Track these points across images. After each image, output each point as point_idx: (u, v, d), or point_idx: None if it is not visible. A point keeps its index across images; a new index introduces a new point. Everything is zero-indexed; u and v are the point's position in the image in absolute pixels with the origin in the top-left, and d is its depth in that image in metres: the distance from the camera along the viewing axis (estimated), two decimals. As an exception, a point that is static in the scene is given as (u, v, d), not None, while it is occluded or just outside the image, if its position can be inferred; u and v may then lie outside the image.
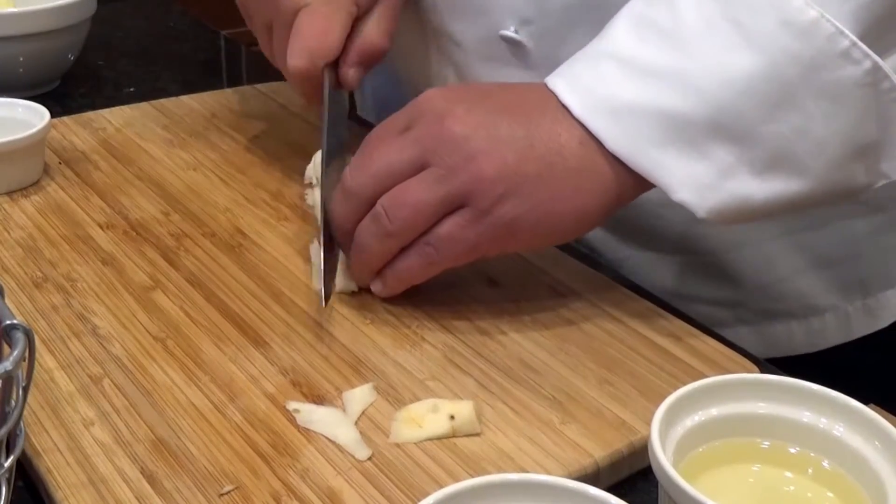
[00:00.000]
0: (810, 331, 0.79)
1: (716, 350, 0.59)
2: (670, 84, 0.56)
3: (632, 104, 0.57)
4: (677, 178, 0.57)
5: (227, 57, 1.11)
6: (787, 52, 0.54)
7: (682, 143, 0.56)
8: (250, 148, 0.83)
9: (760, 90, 0.55)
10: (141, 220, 0.72)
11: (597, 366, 0.58)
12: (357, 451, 0.51)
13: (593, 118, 0.57)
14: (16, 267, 0.66)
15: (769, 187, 0.57)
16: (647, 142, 0.57)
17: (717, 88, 0.55)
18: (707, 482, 0.44)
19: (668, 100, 0.56)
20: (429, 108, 0.60)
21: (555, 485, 0.40)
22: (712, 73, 0.55)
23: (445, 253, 0.59)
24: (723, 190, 0.57)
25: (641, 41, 0.57)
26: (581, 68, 0.60)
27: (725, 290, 0.78)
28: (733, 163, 0.56)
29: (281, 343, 0.59)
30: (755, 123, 0.56)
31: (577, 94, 0.58)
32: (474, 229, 0.58)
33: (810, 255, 0.77)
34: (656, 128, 0.56)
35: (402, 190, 0.58)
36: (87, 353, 0.58)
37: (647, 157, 0.57)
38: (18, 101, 0.80)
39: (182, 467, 0.50)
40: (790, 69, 0.55)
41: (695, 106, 0.56)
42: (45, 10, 0.92)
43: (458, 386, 0.56)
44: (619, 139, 0.57)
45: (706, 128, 0.56)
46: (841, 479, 0.44)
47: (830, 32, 0.54)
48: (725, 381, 0.46)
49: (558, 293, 0.64)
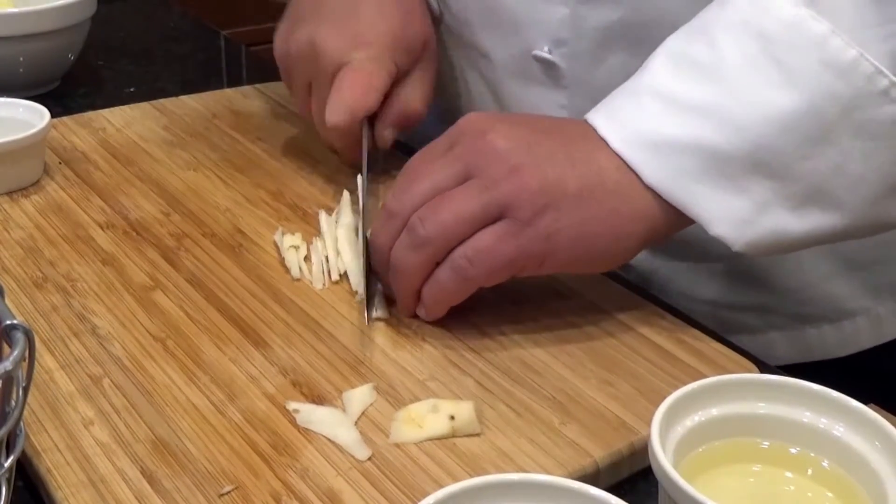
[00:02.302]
0: (842, 334, 0.79)
1: (716, 350, 0.59)
2: (710, 120, 0.56)
3: (670, 139, 0.57)
4: (715, 212, 0.57)
5: (227, 57, 1.11)
6: (827, 90, 0.55)
7: (721, 179, 0.56)
8: (250, 148, 0.83)
9: (800, 128, 0.55)
10: (141, 220, 0.72)
11: (597, 366, 0.58)
12: (357, 451, 0.51)
13: (631, 151, 0.58)
14: (16, 267, 0.66)
15: (805, 222, 0.57)
16: (684, 176, 0.57)
17: (758, 125, 0.56)
18: (707, 482, 0.44)
19: (707, 135, 0.56)
20: (470, 128, 0.60)
21: (555, 485, 0.40)
22: (752, 110, 0.56)
23: (481, 266, 0.57)
24: (760, 225, 0.57)
25: (680, 77, 0.58)
26: (619, 103, 0.60)
27: (757, 297, 0.78)
28: (770, 198, 0.57)
29: (281, 343, 0.59)
30: (793, 160, 0.56)
31: (614, 128, 0.58)
32: (513, 241, 0.57)
33: (842, 259, 0.77)
34: (694, 163, 0.57)
35: (440, 199, 0.58)
36: (87, 353, 0.58)
37: (685, 191, 0.57)
38: (18, 101, 0.80)
39: (182, 467, 0.50)
40: (830, 108, 0.55)
41: (734, 142, 0.56)
42: (45, 10, 0.92)
43: (458, 386, 0.56)
44: (656, 173, 0.57)
45: (745, 164, 0.56)
46: (841, 479, 0.44)
47: (870, 72, 0.54)
48: (725, 381, 0.46)
49: (558, 293, 0.64)
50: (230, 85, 0.97)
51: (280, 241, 0.68)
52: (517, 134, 0.59)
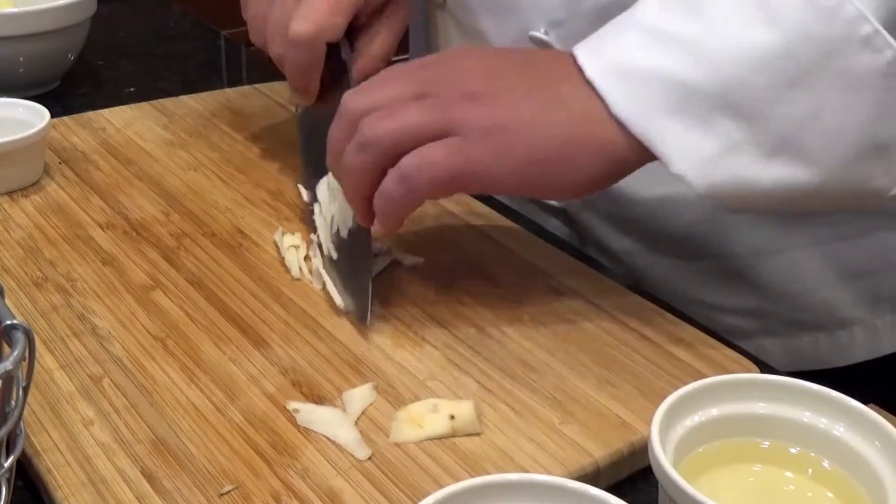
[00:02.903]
0: (837, 344, 0.77)
1: (716, 350, 0.59)
2: (684, 52, 0.55)
3: (642, 69, 0.55)
4: (679, 149, 0.55)
5: (227, 57, 1.11)
6: (805, 31, 0.53)
7: (689, 114, 0.54)
8: (250, 148, 0.83)
9: (775, 68, 0.53)
10: (141, 220, 0.72)
11: (597, 366, 0.58)
12: (357, 450, 0.51)
13: (602, 79, 0.56)
14: (16, 267, 0.66)
15: (775, 172, 0.55)
16: (651, 108, 0.55)
17: (731, 61, 0.54)
18: (707, 482, 0.44)
19: (679, 68, 0.54)
20: (443, 55, 0.61)
21: (555, 485, 0.40)
22: (728, 45, 0.54)
23: (426, 175, 0.57)
24: (725, 167, 0.55)
25: (664, 9, 0.56)
26: (603, 34, 0.59)
27: (751, 300, 0.77)
28: (739, 141, 0.54)
29: (281, 343, 0.59)
30: (766, 103, 0.54)
31: (591, 56, 0.57)
32: (462, 155, 0.56)
33: (839, 267, 0.75)
34: (664, 95, 0.55)
35: (391, 108, 0.58)
36: (87, 353, 0.58)
37: (650, 124, 0.55)
38: (18, 101, 0.80)
39: (182, 467, 0.50)
40: (807, 49, 0.53)
41: (705, 77, 0.54)
42: (45, 10, 0.92)
43: (458, 386, 0.56)
44: (624, 103, 0.55)
45: (715, 101, 0.54)
46: (841, 479, 0.44)
47: (853, 16, 0.52)
48: (725, 381, 0.46)
49: (558, 293, 0.64)
50: (230, 85, 0.97)
51: (280, 241, 0.68)
52: (484, 64, 0.59)
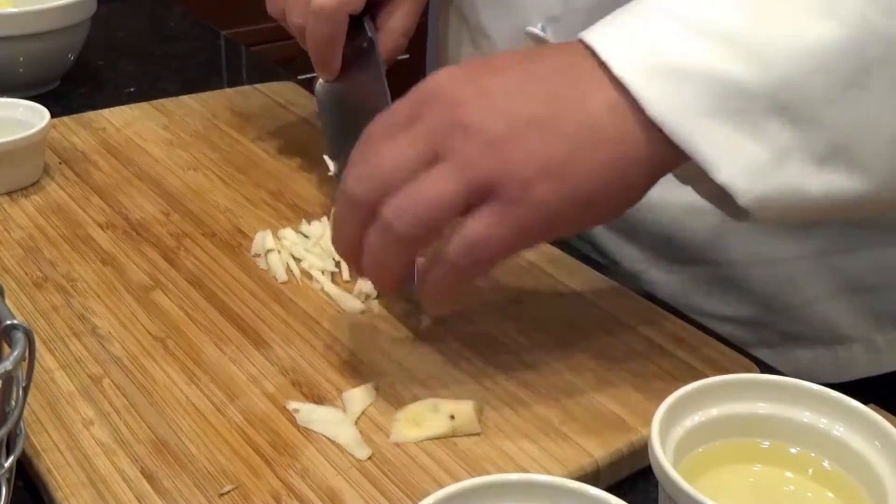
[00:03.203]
0: (836, 360, 0.76)
1: (716, 350, 0.59)
2: (732, 47, 0.48)
3: (682, 65, 0.49)
4: (725, 155, 0.49)
5: (227, 57, 1.11)
6: (870, 27, 0.48)
7: (737, 117, 0.48)
8: (250, 148, 0.83)
9: (834, 66, 0.48)
10: (141, 220, 0.72)
11: (597, 366, 0.58)
12: (357, 450, 0.51)
13: (635, 77, 0.49)
14: (16, 267, 0.66)
15: (827, 181, 0.50)
16: (695, 110, 0.48)
17: (785, 58, 0.48)
18: (707, 482, 0.44)
19: (727, 65, 0.48)
20: (436, 95, 0.52)
21: (555, 485, 0.40)
22: (784, 40, 0.48)
23: (479, 259, 0.51)
24: (776, 177, 0.49)
25: None
26: (628, 22, 0.51)
27: (748, 310, 0.75)
28: (792, 147, 0.49)
29: (281, 343, 0.59)
30: (822, 104, 0.49)
31: (619, 50, 0.50)
32: (507, 222, 0.50)
33: (841, 280, 0.73)
34: (708, 95, 0.48)
35: (412, 189, 0.50)
36: (87, 353, 0.58)
37: (694, 128, 0.49)
38: (18, 101, 0.80)
39: (182, 467, 0.50)
40: (871, 48, 0.48)
41: (757, 76, 0.48)
42: (45, 10, 0.92)
43: (458, 386, 0.56)
44: (662, 104, 0.49)
45: (767, 102, 0.48)
46: (841, 479, 0.44)
47: None
48: (725, 381, 0.46)
49: (558, 293, 0.64)
50: (230, 85, 0.97)
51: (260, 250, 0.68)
52: (489, 98, 0.51)
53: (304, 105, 0.90)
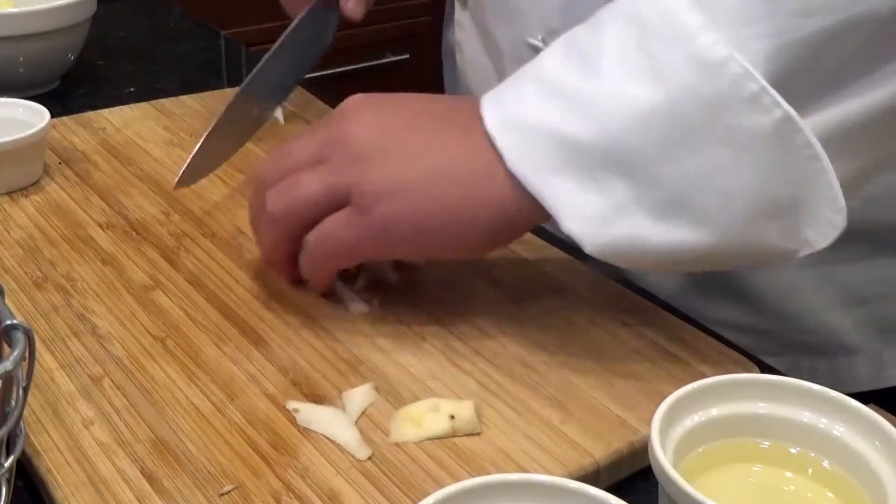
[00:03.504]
0: (837, 370, 0.75)
1: (716, 350, 0.59)
2: (574, 108, 0.53)
3: (536, 124, 0.54)
4: (568, 207, 0.53)
5: (227, 57, 1.11)
6: (688, 88, 0.51)
7: (579, 172, 0.53)
8: (250, 148, 0.83)
9: (659, 125, 0.51)
10: (141, 220, 0.72)
11: (597, 366, 0.58)
12: (357, 450, 0.51)
13: (499, 132, 0.55)
14: (16, 267, 0.66)
15: (667, 234, 0.53)
16: (543, 165, 0.54)
17: (616, 119, 0.52)
18: (707, 482, 0.44)
19: (568, 124, 0.53)
20: (342, 110, 0.60)
21: (555, 485, 0.40)
22: (613, 102, 0.52)
23: (323, 249, 0.59)
24: (615, 228, 0.53)
25: (564, 64, 0.55)
26: (507, 86, 0.57)
27: (749, 317, 0.75)
28: (629, 201, 0.53)
29: (281, 343, 0.59)
30: (652, 161, 0.52)
31: (492, 109, 0.56)
32: (352, 229, 0.57)
33: (843, 290, 0.73)
34: (555, 152, 0.53)
35: (291, 180, 0.59)
36: (87, 353, 0.58)
37: (542, 181, 0.54)
38: (18, 101, 0.80)
39: (182, 467, 0.50)
40: (690, 107, 0.51)
41: (593, 134, 0.52)
42: (45, 10, 0.92)
43: (458, 386, 0.56)
44: (517, 158, 0.54)
45: (602, 158, 0.52)
46: (841, 479, 0.44)
47: (738, 74, 0.50)
48: (725, 381, 0.46)
49: (558, 293, 0.64)
50: (230, 85, 0.97)
51: None
52: (378, 122, 0.59)
53: (305, 105, 0.90)
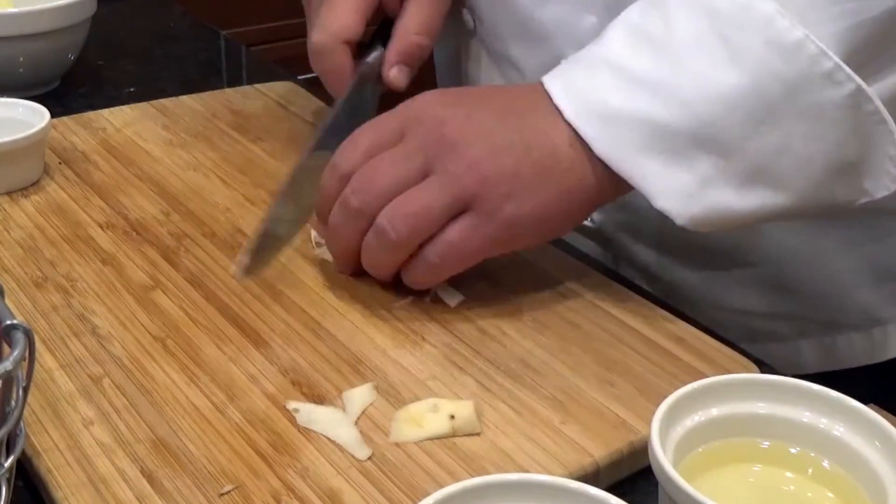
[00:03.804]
0: (872, 342, 0.78)
1: (716, 350, 0.59)
2: (658, 95, 0.58)
3: (620, 111, 0.58)
4: (660, 186, 0.58)
5: (227, 57, 1.11)
6: (770, 71, 0.56)
7: (666, 152, 0.58)
8: (250, 148, 0.83)
9: (743, 106, 0.56)
10: (141, 220, 0.72)
11: (597, 366, 0.58)
12: (357, 450, 0.51)
13: (583, 122, 0.59)
14: (16, 267, 0.66)
15: (749, 200, 0.58)
16: (632, 148, 0.58)
17: (702, 102, 0.57)
18: (707, 482, 0.44)
19: (654, 110, 0.57)
20: (426, 115, 0.61)
21: (555, 485, 0.40)
22: (698, 86, 0.57)
23: (451, 259, 0.60)
24: (703, 199, 0.58)
25: (634, 50, 0.59)
26: (576, 73, 0.61)
27: (786, 304, 0.78)
28: (715, 174, 0.58)
29: (281, 343, 0.59)
30: (737, 138, 0.57)
31: (569, 98, 0.60)
32: (480, 233, 0.59)
33: (872, 268, 0.77)
34: (642, 136, 0.58)
35: (404, 199, 0.59)
36: (87, 353, 0.58)
37: (632, 164, 0.58)
38: (18, 101, 0.80)
39: (182, 467, 0.50)
40: (773, 88, 0.56)
41: (680, 117, 0.57)
42: (45, 10, 0.92)
43: (458, 386, 0.56)
44: (606, 144, 0.58)
45: (689, 139, 0.57)
46: (841, 479, 0.44)
47: (814, 54, 0.55)
48: (725, 381, 0.46)
49: (558, 293, 0.64)
50: (230, 85, 0.97)
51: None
52: (474, 123, 0.60)
53: (304, 105, 0.90)
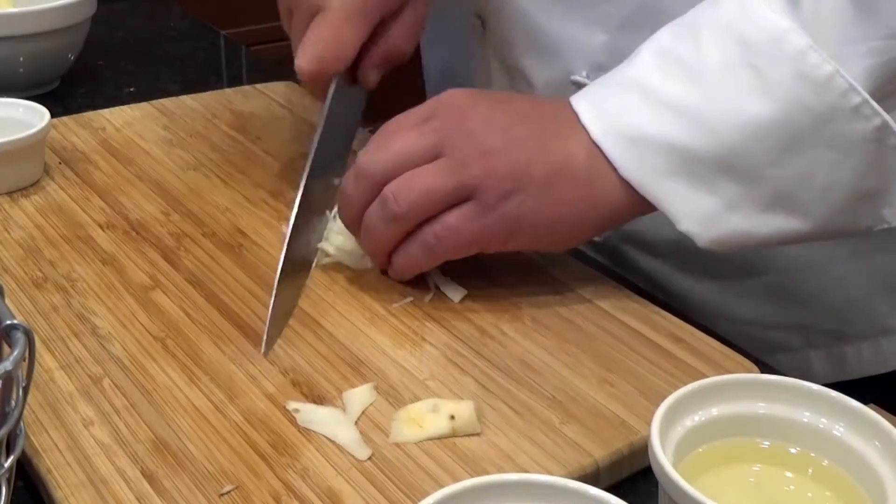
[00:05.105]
0: (880, 351, 0.79)
1: (716, 350, 0.59)
2: (685, 120, 0.58)
3: (646, 135, 0.59)
4: (683, 209, 0.59)
5: (227, 57, 1.11)
6: (800, 103, 0.56)
7: (692, 177, 0.58)
8: (250, 148, 0.83)
9: (771, 136, 0.57)
10: (141, 220, 0.72)
11: (597, 366, 0.58)
12: (357, 451, 0.51)
13: (610, 143, 0.59)
14: (16, 267, 0.66)
15: (770, 225, 0.59)
16: (658, 172, 0.59)
17: (730, 130, 0.57)
18: (707, 482, 0.44)
19: (681, 135, 0.58)
20: (451, 103, 0.62)
21: (555, 485, 0.40)
22: (726, 115, 0.58)
23: (447, 243, 0.60)
24: (726, 223, 0.59)
25: (663, 74, 0.59)
26: (606, 94, 0.61)
27: (795, 315, 0.78)
28: (738, 199, 0.59)
29: (281, 343, 0.59)
30: (762, 166, 0.58)
31: (597, 118, 0.60)
32: (478, 222, 0.59)
33: (881, 277, 0.77)
34: (668, 160, 0.58)
35: (412, 175, 0.60)
36: (87, 353, 0.58)
37: (657, 187, 0.59)
38: (18, 101, 0.80)
39: (182, 467, 0.50)
40: (802, 119, 0.57)
41: (707, 144, 0.58)
42: (45, 10, 0.92)
43: (458, 386, 0.56)
44: (631, 167, 0.59)
45: (715, 165, 0.58)
46: (841, 479, 0.44)
47: (844, 89, 0.56)
48: (725, 381, 0.46)
49: (558, 293, 0.64)
50: (230, 85, 0.97)
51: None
52: (494, 117, 0.61)
53: (304, 105, 0.90)
